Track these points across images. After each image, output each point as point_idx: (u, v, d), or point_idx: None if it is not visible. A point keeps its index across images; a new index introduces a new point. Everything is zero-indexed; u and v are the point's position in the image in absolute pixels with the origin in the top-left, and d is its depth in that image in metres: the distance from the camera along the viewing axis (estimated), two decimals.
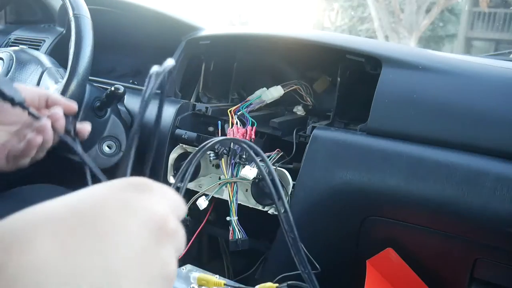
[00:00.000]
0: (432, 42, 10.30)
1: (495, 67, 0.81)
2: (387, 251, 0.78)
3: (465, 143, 0.72)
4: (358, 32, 10.49)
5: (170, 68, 0.29)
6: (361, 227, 0.80)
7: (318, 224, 0.83)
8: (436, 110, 0.75)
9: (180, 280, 0.65)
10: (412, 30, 9.13)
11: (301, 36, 0.93)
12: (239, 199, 0.86)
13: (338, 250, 0.86)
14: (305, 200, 0.80)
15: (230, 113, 0.89)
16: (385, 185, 0.74)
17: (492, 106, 0.73)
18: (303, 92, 1.01)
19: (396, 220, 0.77)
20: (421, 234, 0.76)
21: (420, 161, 0.72)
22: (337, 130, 0.83)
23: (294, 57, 1.05)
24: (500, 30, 9.46)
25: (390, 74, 0.80)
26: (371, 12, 9.55)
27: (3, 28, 1.31)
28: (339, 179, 0.77)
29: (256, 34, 1.00)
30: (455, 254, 0.77)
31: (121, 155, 0.97)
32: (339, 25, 11.00)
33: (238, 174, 0.85)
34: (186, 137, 0.92)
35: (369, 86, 0.82)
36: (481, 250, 0.73)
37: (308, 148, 0.81)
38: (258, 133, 0.89)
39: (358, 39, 0.98)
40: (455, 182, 0.69)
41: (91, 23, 0.86)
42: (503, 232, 0.67)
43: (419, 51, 0.92)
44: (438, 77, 0.78)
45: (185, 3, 1.58)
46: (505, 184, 0.66)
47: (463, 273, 0.76)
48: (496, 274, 0.75)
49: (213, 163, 0.92)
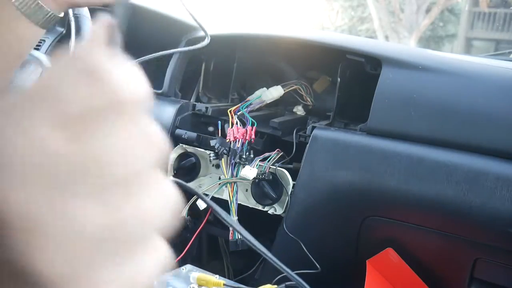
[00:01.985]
0: (432, 42, 10.30)
1: (495, 67, 0.81)
2: (387, 251, 0.78)
3: (465, 143, 0.72)
4: (358, 32, 10.49)
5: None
6: (361, 227, 0.80)
7: (318, 224, 0.83)
8: (436, 110, 0.75)
9: (180, 280, 0.65)
10: (412, 30, 9.13)
11: (301, 36, 0.93)
12: (239, 199, 0.86)
13: (338, 250, 0.86)
14: (305, 200, 0.81)
15: (230, 113, 0.89)
16: (385, 185, 0.74)
17: (492, 106, 0.73)
18: (303, 92, 1.01)
19: (396, 220, 0.77)
20: (421, 234, 0.76)
21: (420, 161, 0.72)
22: (337, 130, 0.83)
23: (294, 57, 1.05)
24: (500, 30, 9.46)
25: (390, 74, 0.80)
26: (371, 12, 9.55)
27: None
28: (339, 179, 0.77)
29: (256, 34, 1.00)
30: (455, 254, 0.77)
31: None
32: (339, 25, 11.00)
33: (238, 174, 0.85)
34: (186, 137, 0.92)
35: (369, 86, 0.82)
36: (481, 250, 0.73)
37: (308, 148, 0.81)
38: (258, 133, 0.89)
39: (358, 39, 0.98)
40: (455, 182, 0.69)
41: (91, 23, 0.86)
42: (503, 232, 0.67)
43: (419, 51, 0.92)
44: (438, 77, 0.78)
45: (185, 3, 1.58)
46: (505, 184, 0.66)
47: (463, 273, 0.76)
48: (496, 274, 0.75)
49: (213, 163, 0.92)
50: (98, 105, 0.17)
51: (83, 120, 0.17)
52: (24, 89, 0.18)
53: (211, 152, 0.89)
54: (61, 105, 0.17)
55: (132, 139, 0.18)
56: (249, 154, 0.86)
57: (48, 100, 0.17)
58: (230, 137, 0.86)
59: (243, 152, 0.85)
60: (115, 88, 0.18)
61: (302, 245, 0.79)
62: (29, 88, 0.18)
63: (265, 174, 0.83)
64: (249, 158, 0.86)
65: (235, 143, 0.85)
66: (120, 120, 0.18)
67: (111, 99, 0.17)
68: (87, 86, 0.17)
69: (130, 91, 0.18)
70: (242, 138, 0.85)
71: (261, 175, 0.83)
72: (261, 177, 0.83)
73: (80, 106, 0.17)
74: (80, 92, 0.17)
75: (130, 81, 0.18)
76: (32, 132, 0.16)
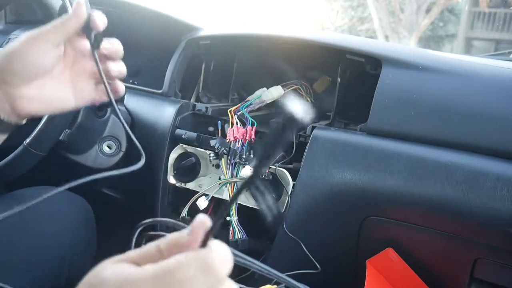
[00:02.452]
0: (432, 42, 10.29)
1: (495, 67, 0.81)
2: (387, 251, 0.78)
3: (465, 143, 0.72)
4: (358, 32, 10.49)
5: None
6: (361, 227, 0.80)
7: (318, 224, 0.83)
8: (436, 110, 0.75)
9: None
10: (412, 30, 9.13)
11: (301, 36, 0.93)
12: (239, 199, 0.86)
13: (338, 250, 0.86)
14: (305, 200, 0.81)
15: (230, 113, 0.89)
16: (385, 185, 0.74)
17: (492, 106, 0.73)
18: (303, 92, 1.01)
19: (396, 220, 0.77)
20: (421, 234, 0.76)
21: (420, 161, 0.72)
22: (337, 130, 0.83)
23: (294, 57, 1.05)
24: (500, 30, 9.45)
25: (390, 74, 0.80)
26: (371, 12, 9.55)
27: (3, 28, 1.31)
28: (339, 179, 0.77)
29: (256, 34, 1.00)
30: (455, 254, 0.77)
31: (121, 155, 0.97)
32: (339, 25, 11.00)
33: (238, 174, 0.85)
34: (186, 137, 0.92)
35: (369, 86, 0.82)
36: (481, 250, 0.73)
37: (308, 148, 0.81)
38: (258, 133, 0.89)
39: (358, 39, 0.98)
40: (455, 182, 0.69)
41: None
42: (503, 232, 0.67)
43: (419, 51, 0.92)
44: (438, 77, 0.78)
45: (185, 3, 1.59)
46: (505, 184, 0.66)
47: (463, 273, 0.76)
48: (496, 274, 0.75)
49: (213, 163, 0.92)
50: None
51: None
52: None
53: (211, 152, 0.89)
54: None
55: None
56: (249, 154, 0.86)
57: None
58: (230, 137, 0.86)
59: (243, 152, 0.85)
60: (221, 276, 0.28)
61: (302, 245, 0.79)
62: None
63: (265, 174, 0.83)
64: (249, 158, 0.86)
65: (235, 143, 0.85)
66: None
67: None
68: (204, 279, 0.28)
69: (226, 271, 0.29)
70: (242, 138, 0.86)
71: (261, 175, 0.83)
72: (261, 177, 0.83)
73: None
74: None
75: (226, 264, 0.29)
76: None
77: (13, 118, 0.54)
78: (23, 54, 0.51)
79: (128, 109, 1.01)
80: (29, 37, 0.51)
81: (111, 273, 0.29)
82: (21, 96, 0.52)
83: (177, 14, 1.12)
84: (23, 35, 0.52)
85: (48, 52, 0.52)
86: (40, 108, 0.55)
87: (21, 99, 0.53)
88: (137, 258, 0.31)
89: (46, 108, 0.56)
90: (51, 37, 0.52)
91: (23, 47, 0.51)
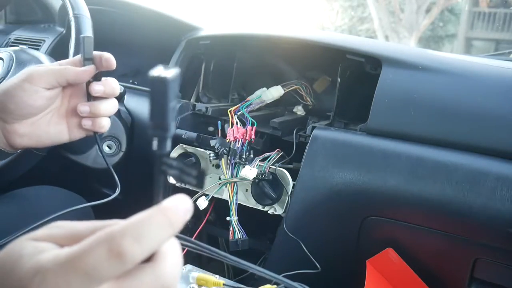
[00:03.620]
0: (432, 42, 10.29)
1: (495, 67, 0.81)
2: (387, 251, 0.78)
3: (465, 143, 0.72)
4: (358, 32, 10.49)
5: None
6: (361, 227, 0.80)
7: (318, 224, 0.83)
8: (436, 110, 0.75)
9: (180, 280, 0.65)
10: (412, 30, 9.13)
11: (301, 36, 0.93)
12: (239, 199, 0.86)
13: (338, 250, 0.86)
14: (305, 200, 0.80)
15: (230, 113, 0.89)
16: (385, 185, 0.74)
17: (492, 106, 0.73)
18: (303, 92, 1.01)
19: (396, 220, 0.77)
20: (421, 234, 0.76)
21: (420, 161, 0.72)
22: (337, 130, 0.83)
23: (294, 57, 1.05)
24: (500, 30, 9.45)
25: (390, 74, 0.80)
26: (371, 12, 9.56)
27: (3, 28, 1.31)
28: (339, 179, 0.77)
29: (256, 34, 1.00)
30: (455, 254, 0.77)
31: (121, 155, 0.97)
32: (339, 25, 11.00)
33: (238, 174, 0.85)
34: (186, 137, 0.92)
35: (369, 86, 0.82)
36: (481, 250, 0.73)
37: (308, 148, 0.81)
38: (258, 133, 0.89)
39: (358, 39, 0.98)
40: (455, 182, 0.69)
41: (91, 23, 0.86)
42: (503, 232, 0.67)
43: (419, 51, 0.92)
44: (438, 77, 0.78)
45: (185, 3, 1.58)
46: (505, 184, 0.66)
47: (463, 273, 0.76)
48: (496, 274, 0.75)
49: (213, 163, 0.92)
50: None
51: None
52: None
53: (211, 152, 0.89)
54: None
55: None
56: (249, 154, 0.86)
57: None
58: (230, 137, 0.86)
59: (243, 152, 0.85)
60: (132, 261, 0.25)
61: (302, 245, 0.79)
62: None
63: (265, 174, 0.83)
64: (249, 158, 0.86)
65: (235, 143, 0.85)
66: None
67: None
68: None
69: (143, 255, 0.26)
70: (242, 138, 0.85)
71: (261, 175, 0.83)
72: (261, 177, 0.83)
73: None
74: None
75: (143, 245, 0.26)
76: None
77: (9, 148, 0.58)
78: (17, 95, 0.53)
79: (128, 109, 1.01)
80: (24, 79, 0.54)
81: (27, 260, 0.25)
82: (14, 131, 0.56)
83: (177, 14, 1.12)
84: (21, 73, 0.54)
85: (42, 94, 0.54)
86: (32, 143, 0.58)
87: (14, 135, 0.56)
88: (64, 238, 0.28)
89: (38, 143, 0.58)
90: (46, 80, 0.54)
91: (18, 88, 0.53)
